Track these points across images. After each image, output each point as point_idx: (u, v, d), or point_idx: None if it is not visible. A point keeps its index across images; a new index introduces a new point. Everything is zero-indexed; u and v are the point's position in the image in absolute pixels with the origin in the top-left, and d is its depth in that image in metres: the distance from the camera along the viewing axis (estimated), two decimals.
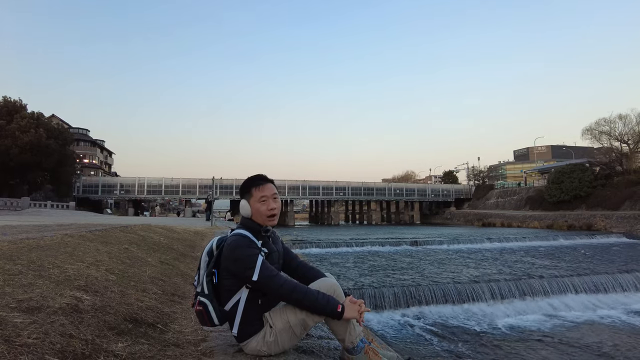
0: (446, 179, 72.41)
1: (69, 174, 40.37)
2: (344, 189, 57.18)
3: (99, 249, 4.28)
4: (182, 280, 4.27)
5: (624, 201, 32.89)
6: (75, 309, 2.07)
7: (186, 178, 51.13)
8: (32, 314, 1.83)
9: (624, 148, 38.45)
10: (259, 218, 2.05)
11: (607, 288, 10.24)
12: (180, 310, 2.92)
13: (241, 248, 1.91)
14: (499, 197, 53.16)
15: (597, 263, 13.60)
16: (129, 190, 49.37)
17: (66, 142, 38.83)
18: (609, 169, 38.42)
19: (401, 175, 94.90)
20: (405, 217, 60.81)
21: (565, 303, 9.31)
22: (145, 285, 3.30)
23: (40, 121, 36.15)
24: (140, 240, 6.09)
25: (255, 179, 2.10)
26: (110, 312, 2.24)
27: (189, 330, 2.42)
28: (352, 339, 1.95)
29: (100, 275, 3.05)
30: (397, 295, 8.77)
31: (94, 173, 56.73)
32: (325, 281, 2.04)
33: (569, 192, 38.08)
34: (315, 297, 1.88)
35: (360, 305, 1.95)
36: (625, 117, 37.70)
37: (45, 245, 3.65)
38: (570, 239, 22.45)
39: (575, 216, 34.10)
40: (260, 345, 1.92)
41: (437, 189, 63.66)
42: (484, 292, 9.25)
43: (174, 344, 2.11)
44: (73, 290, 2.40)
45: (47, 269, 2.77)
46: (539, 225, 36.02)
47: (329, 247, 17.91)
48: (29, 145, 32.62)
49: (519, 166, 79.04)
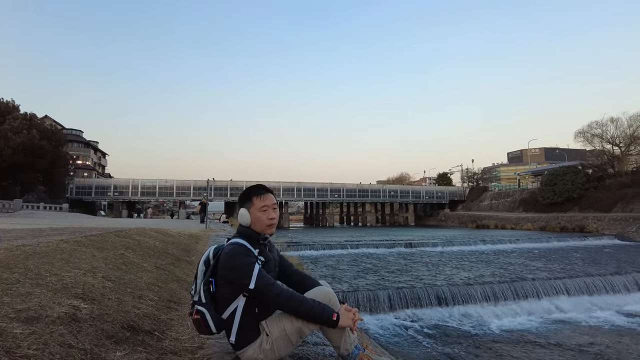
0: (440, 181, 72.73)
1: (62, 175, 40.00)
2: (338, 191, 57.24)
3: (95, 255, 4.28)
4: (178, 285, 4.29)
5: (616, 203, 33.25)
6: (73, 318, 2.09)
7: (180, 179, 50.97)
8: (31, 324, 1.85)
9: (616, 151, 38.90)
10: (259, 227, 2.09)
11: (599, 290, 10.37)
12: (177, 317, 2.94)
13: (238, 256, 1.94)
14: (492, 199, 53.48)
15: (589, 265, 13.74)
16: (122, 192, 49.12)
17: (59, 143, 38.49)
18: (601, 172, 38.83)
19: (396, 177, 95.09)
20: (399, 219, 61.03)
21: (558, 305, 9.41)
22: (141, 292, 3.31)
23: (33, 122, 35.82)
24: (135, 245, 6.08)
25: (256, 188, 2.15)
26: (108, 320, 2.26)
27: (186, 337, 2.45)
28: (347, 346, 1.99)
29: (97, 282, 3.06)
30: (392, 298, 8.81)
31: (88, 174, 56.35)
32: (321, 290, 2.07)
33: (561, 194, 38.42)
34: (311, 305, 1.92)
35: (354, 314, 2.00)
36: (617, 120, 38.19)
37: (41, 252, 3.65)
38: (563, 241, 22.64)
39: (568, 218, 34.38)
40: (257, 353, 1.95)
41: (432, 191, 63.91)
42: (478, 295, 9.33)
43: (171, 352, 2.13)
44: (71, 299, 2.42)
45: (44, 277, 2.78)
46: (533, 227, 36.28)
47: (323, 249, 17.90)
48: (21, 146, 32.31)
49: (513, 168, 79.83)
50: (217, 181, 50.20)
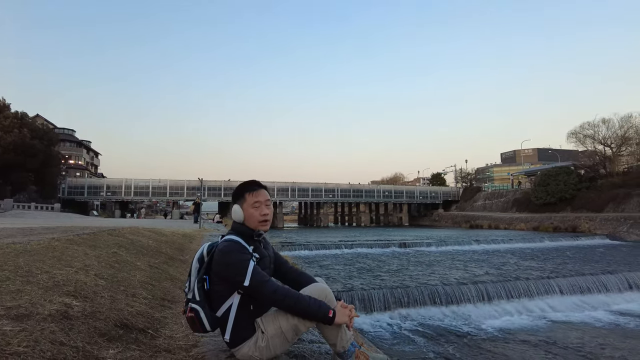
0: (434, 181, 73.04)
1: (54, 175, 39.60)
2: (333, 191, 57.24)
3: (87, 253, 4.23)
4: (172, 284, 4.25)
5: (608, 203, 33.57)
6: (65, 315, 2.05)
7: (174, 179, 50.67)
8: (22, 321, 1.82)
9: (607, 151, 39.30)
10: (252, 223, 2.07)
11: (591, 289, 10.45)
12: (171, 315, 2.91)
13: (233, 253, 1.92)
14: (486, 199, 53.75)
15: (581, 264, 13.86)
16: (115, 192, 48.71)
17: (51, 143, 38.10)
18: (593, 172, 39.19)
19: (390, 177, 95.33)
20: (393, 219, 61.15)
21: (551, 304, 9.47)
22: (135, 290, 3.27)
23: (25, 121, 35.43)
24: (128, 244, 6.03)
25: (249, 185, 2.13)
26: (101, 318, 2.22)
27: (180, 335, 2.42)
28: (343, 343, 1.98)
29: (89, 280, 3.02)
30: (386, 297, 8.81)
31: (80, 174, 55.85)
32: (317, 286, 2.06)
33: (554, 194, 38.71)
34: (307, 302, 1.91)
35: (350, 311, 1.99)
36: (609, 121, 38.57)
37: (32, 250, 3.60)
38: (555, 240, 22.80)
39: (560, 218, 34.66)
40: (253, 350, 1.93)
41: (425, 191, 64.12)
42: (472, 294, 9.36)
43: (165, 350, 2.10)
44: (62, 296, 2.38)
45: (35, 275, 2.74)
46: (526, 227, 36.53)
47: (318, 249, 17.87)
48: (12, 145, 31.92)
49: (506, 169, 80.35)
50: (211, 181, 50.03)
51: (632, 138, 37.66)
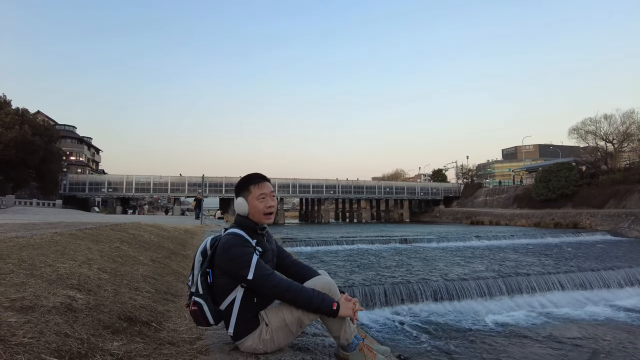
0: (435, 177, 72.98)
1: (55, 172, 39.65)
2: (334, 187, 57.23)
3: (90, 247, 4.24)
4: (175, 278, 4.26)
5: (609, 199, 33.56)
6: (69, 308, 2.06)
7: (175, 176, 50.67)
8: (26, 313, 1.82)
9: (609, 147, 39.28)
10: (256, 216, 2.06)
11: (592, 285, 10.46)
12: (174, 309, 2.92)
13: (236, 247, 1.92)
14: (487, 196, 53.75)
15: (582, 260, 13.86)
16: (116, 188, 48.75)
17: (52, 139, 38.12)
18: (594, 168, 39.18)
19: (391, 173, 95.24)
20: (394, 215, 61.14)
21: (552, 299, 9.48)
22: (138, 284, 3.28)
23: (25, 117, 35.41)
24: (131, 239, 6.04)
25: (253, 177, 2.11)
26: (105, 311, 2.23)
27: (184, 328, 2.42)
28: (347, 336, 1.98)
29: (92, 274, 3.02)
30: (388, 293, 8.83)
31: (81, 171, 55.89)
32: (321, 279, 2.06)
33: (555, 190, 38.69)
34: (310, 295, 1.90)
35: (354, 304, 1.98)
36: (610, 117, 38.53)
37: (35, 244, 3.61)
38: (556, 237, 22.81)
39: (561, 214, 34.64)
40: (257, 343, 1.93)
41: (427, 187, 64.09)
42: (473, 290, 9.37)
43: (169, 342, 2.11)
44: (66, 289, 2.38)
45: (38, 268, 2.74)
46: (527, 223, 36.52)
47: (319, 245, 17.91)
48: (13, 142, 31.92)
49: (507, 165, 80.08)
50: (212, 177, 50.04)
51: (634, 134, 37.64)
